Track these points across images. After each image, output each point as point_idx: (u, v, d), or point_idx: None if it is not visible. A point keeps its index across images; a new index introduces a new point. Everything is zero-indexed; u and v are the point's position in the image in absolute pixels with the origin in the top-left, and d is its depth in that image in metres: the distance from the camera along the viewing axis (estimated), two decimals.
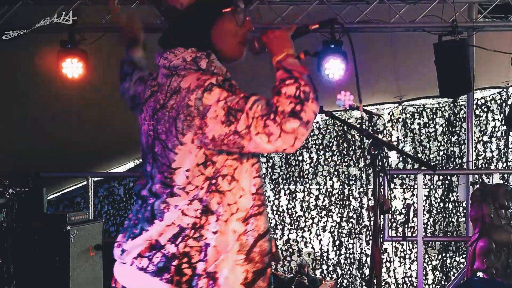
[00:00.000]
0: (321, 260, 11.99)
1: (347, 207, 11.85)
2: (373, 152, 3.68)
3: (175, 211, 2.29)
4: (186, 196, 2.29)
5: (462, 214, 11.16)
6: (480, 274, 7.05)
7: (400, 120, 11.62)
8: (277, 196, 12.12)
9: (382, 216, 7.49)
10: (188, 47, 2.37)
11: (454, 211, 11.41)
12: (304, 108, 2.16)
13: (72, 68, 7.22)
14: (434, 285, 11.49)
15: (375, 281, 3.83)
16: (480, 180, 9.09)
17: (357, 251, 11.83)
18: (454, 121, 11.36)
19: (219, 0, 2.43)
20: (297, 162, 12.03)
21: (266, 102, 2.17)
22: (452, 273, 11.26)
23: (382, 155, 3.70)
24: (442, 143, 11.47)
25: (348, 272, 11.86)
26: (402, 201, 11.55)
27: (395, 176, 11.11)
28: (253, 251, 2.35)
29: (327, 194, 11.96)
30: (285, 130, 2.12)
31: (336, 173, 11.92)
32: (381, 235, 7.47)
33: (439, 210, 11.46)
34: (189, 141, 2.26)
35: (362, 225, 11.80)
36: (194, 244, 2.27)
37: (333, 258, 11.95)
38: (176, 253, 2.27)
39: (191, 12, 2.40)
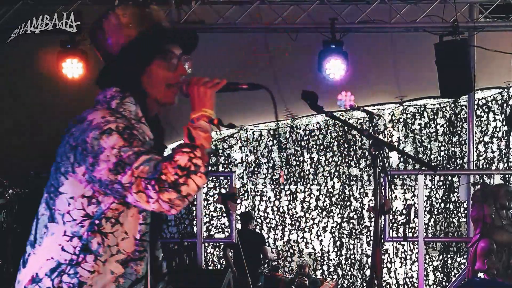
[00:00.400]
0: (321, 260, 11.98)
1: (348, 208, 11.83)
2: (373, 153, 3.65)
3: (54, 244, 2.36)
4: (62, 226, 2.35)
5: (463, 215, 11.13)
6: (481, 274, 7.05)
7: (401, 120, 11.59)
8: (278, 197, 12.10)
9: (383, 217, 7.50)
10: (116, 86, 2.47)
11: (455, 211, 11.38)
12: (188, 182, 2.20)
13: (72, 68, 7.22)
14: (435, 286, 11.46)
15: (376, 282, 3.81)
16: (481, 181, 9.07)
17: (357, 251, 11.81)
18: (455, 122, 11.33)
19: (150, 46, 2.49)
20: (298, 163, 12.01)
21: (155, 165, 2.22)
22: (453, 273, 11.22)
23: (382, 155, 3.67)
24: (443, 143, 11.44)
25: (349, 273, 11.84)
26: (402, 201, 11.52)
27: (396, 176, 11.09)
28: None
29: (327, 194, 11.94)
30: (162, 198, 2.19)
31: (336, 173, 11.90)
32: (382, 236, 7.48)
33: (440, 211, 11.43)
34: (81, 173, 2.32)
35: (363, 225, 11.78)
36: (68, 280, 2.33)
37: (333, 259, 11.93)
38: (51, 287, 2.34)
39: (123, 57, 2.47)
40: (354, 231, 11.80)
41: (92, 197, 2.34)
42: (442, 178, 11.34)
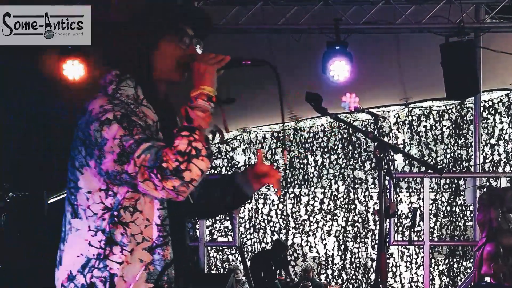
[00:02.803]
0: (326, 265, 11.92)
1: (353, 211, 11.78)
2: (378, 155, 3.61)
3: (80, 239, 2.36)
4: (86, 221, 2.36)
5: (469, 218, 11.09)
6: (487, 279, 7.01)
7: (406, 122, 11.55)
8: (282, 200, 12.04)
9: (388, 220, 7.43)
10: (117, 67, 2.45)
11: (461, 215, 11.34)
12: (190, 167, 2.18)
13: (73, 69, 7.18)
14: None
15: (381, 286, 3.75)
16: (488, 184, 8.99)
17: (362, 255, 11.76)
18: (461, 124, 11.29)
19: (162, 22, 2.47)
20: (302, 165, 11.96)
21: (156, 152, 2.20)
22: (459, 278, 11.19)
23: (388, 158, 3.63)
24: (449, 145, 11.40)
25: (354, 277, 11.79)
26: (408, 205, 11.47)
27: (401, 179, 11.02)
28: (162, 279, 2.41)
29: (332, 197, 11.88)
30: (166, 186, 2.18)
31: (341, 176, 11.85)
32: (387, 240, 7.41)
33: (446, 214, 11.39)
34: (93, 166, 2.33)
35: (368, 229, 11.73)
36: (99, 274, 2.33)
37: (338, 263, 11.88)
38: (85, 284, 2.35)
39: (133, 30, 2.46)
40: (358, 234, 11.75)
41: (107, 189, 2.33)
42: (448, 181, 11.30)
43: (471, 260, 10.54)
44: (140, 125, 2.30)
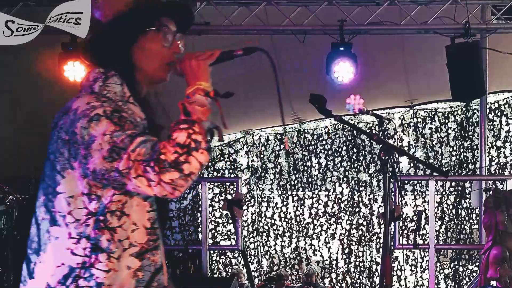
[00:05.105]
0: (330, 268, 11.88)
1: (357, 214, 11.74)
2: (383, 158, 3.58)
3: (61, 248, 2.24)
4: (66, 229, 2.24)
5: (475, 221, 11.06)
6: (493, 282, 7.01)
7: (411, 124, 11.51)
8: (285, 203, 12.00)
9: (392, 223, 7.38)
10: (100, 65, 2.35)
11: (466, 218, 11.30)
12: (189, 159, 2.10)
13: (74, 71, 7.17)
14: None
15: None
16: (494, 186, 8.96)
17: (367, 259, 11.72)
18: (467, 126, 11.25)
19: (144, 18, 2.38)
20: (306, 168, 11.91)
21: (152, 145, 2.12)
22: (464, 281, 11.16)
23: (392, 160, 3.59)
24: (455, 148, 11.36)
25: (358, 281, 11.74)
26: (413, 208, 11.43)
27: (406, 182, 10.99)
28: (151, 286, 2.33)
29: (336, 200, 11.84)
30: (163, 180, 2.09)
31: (345, 179, 11.80)
32: (392, 243, 7.36)
33: (451, 217, 11.36)
34: (77, 168, 2.22)
35: (372, 232, 11.69)
36: (85, 284, 2.23)
37: (342, 267, 11.83)
38: None
39: (113, 26, 2.36)
40: (363, 238, 11.71)
41: (90, 193, 2.22)
42: (453, 184, 11.27)
43: (477, 264, 10.48)
44: (131, 121, 2.22)
